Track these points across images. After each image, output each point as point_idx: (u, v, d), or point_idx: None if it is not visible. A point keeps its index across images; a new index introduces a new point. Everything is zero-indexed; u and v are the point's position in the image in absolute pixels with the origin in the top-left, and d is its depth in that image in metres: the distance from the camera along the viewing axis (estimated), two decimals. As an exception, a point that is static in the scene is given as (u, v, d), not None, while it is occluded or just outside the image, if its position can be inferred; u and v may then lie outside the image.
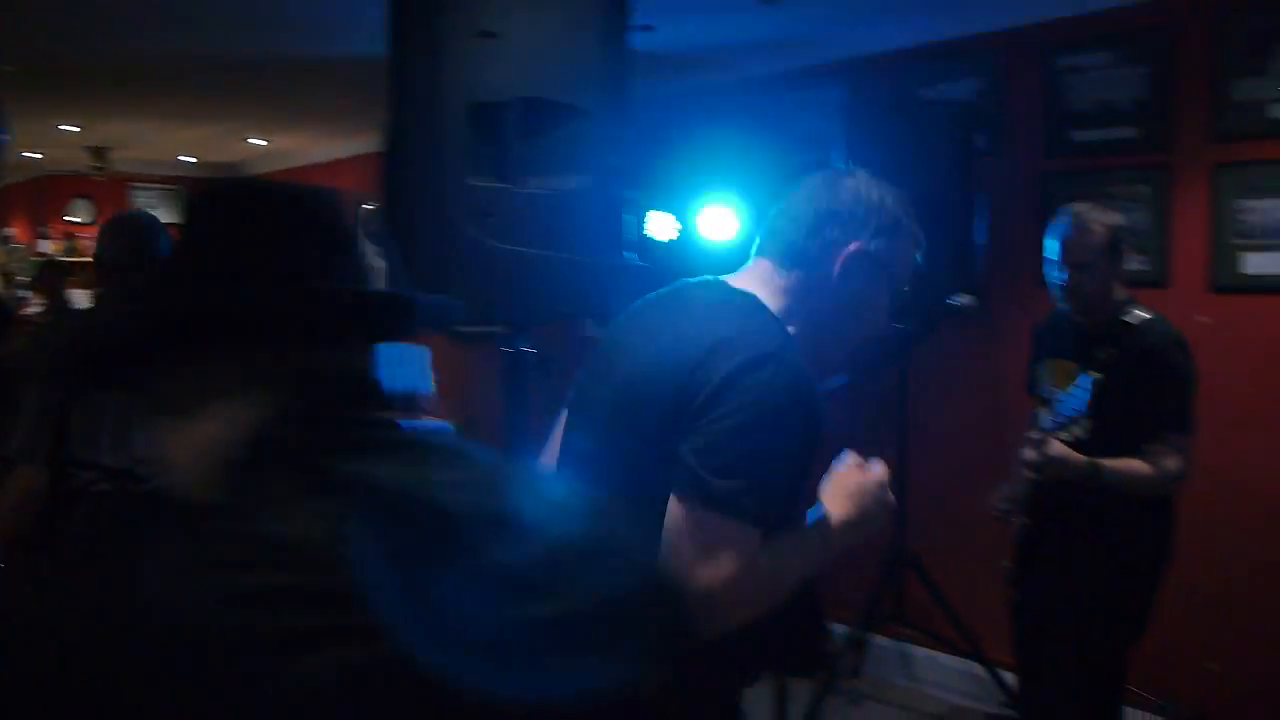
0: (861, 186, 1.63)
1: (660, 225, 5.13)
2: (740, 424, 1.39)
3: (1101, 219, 2.88)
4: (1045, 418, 2.94)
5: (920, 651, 4.47)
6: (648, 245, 5.14)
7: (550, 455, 1.74)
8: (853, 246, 1.57)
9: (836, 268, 1.56)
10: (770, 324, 1.51)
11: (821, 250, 1.57)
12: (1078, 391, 2.75)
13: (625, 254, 2.33)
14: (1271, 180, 3.48)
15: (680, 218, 5.10)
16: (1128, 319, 2.84)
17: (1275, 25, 3.46)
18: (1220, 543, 3.49)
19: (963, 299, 3.60)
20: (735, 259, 4.85)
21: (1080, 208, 2.94)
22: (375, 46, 2.01)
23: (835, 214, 1.59)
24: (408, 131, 1.98)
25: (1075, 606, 2.93)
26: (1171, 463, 2.80)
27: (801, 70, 4.87)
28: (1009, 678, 3.95)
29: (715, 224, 4.90)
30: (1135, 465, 2.80)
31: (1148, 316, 2.85)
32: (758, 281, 1.59)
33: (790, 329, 1.54)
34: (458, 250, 1.91)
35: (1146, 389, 2.81)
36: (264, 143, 8.19)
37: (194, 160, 9.37)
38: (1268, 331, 3.53)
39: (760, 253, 1.64)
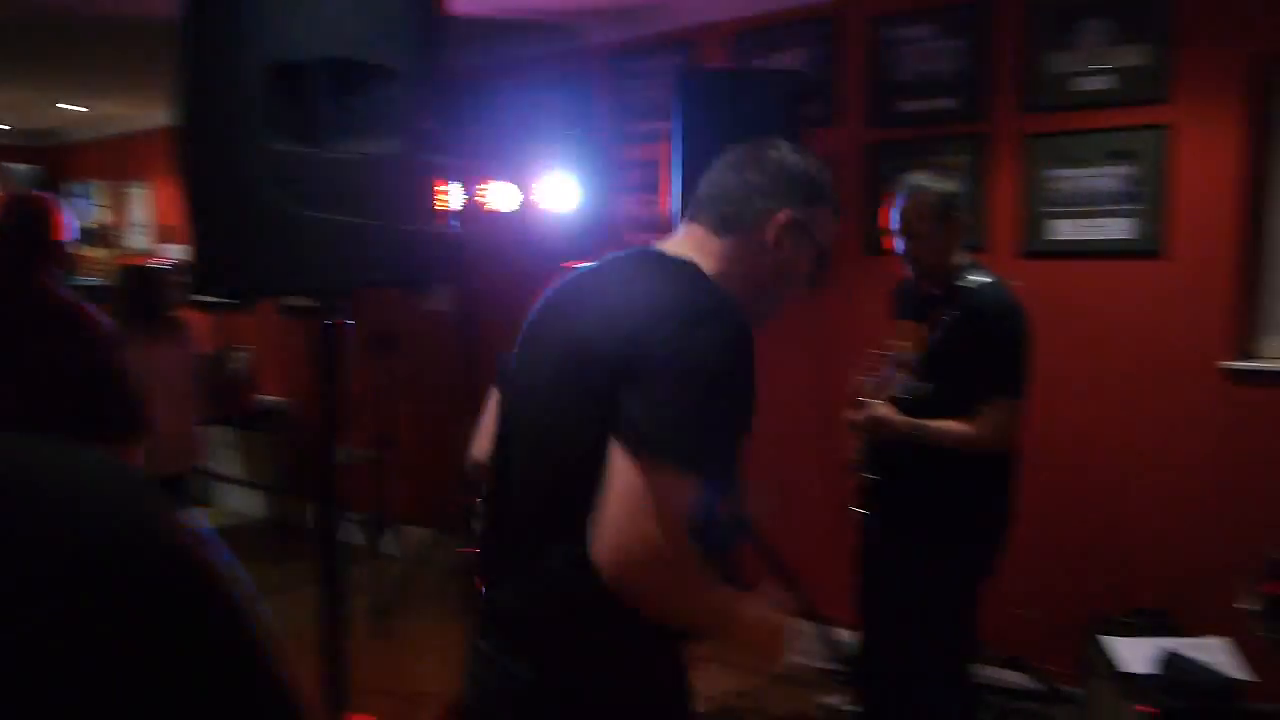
0: (787, 157, 1.68)
1: (502, 195, 5.08)
2: (687, 380, 1.43)
3: (934, 188, 2.96)
4: (896, 379, 3.03)
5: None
6: (487, 216, 5.11)
7: (485, 428, 1.80)
8: (782, 215, 1.64)
9: (768, 235, 1.64)
10: (712, 285, 1.57)
11: (754, 219, 1.64)
12: (891, 356, 2.88)
13: (442, 221, 2.26)
14: (1078, 150, 3.65)
15: (522, 188, 5.06)
16: (963, 283, 2.92)
17: (1083, 1, 3.63)
18: (1031, 497, 3.66)
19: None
20: (578, 227, 4.89)
21: (915, 177, 3.01)
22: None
23: (764, 184, 1.65)
24: (205, 93, 1.88)
25: (918, 559, 2.99)
26: (991, 424, 2.85)
27: (639, 40, 4.86)
28: (843, 635, 4.09)
29: (556, 194, 4.88)
30: (956, 426, 2.87)
31: (983, 280, 2.92)
32: (693, 248, 1.65)
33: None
34: (259, 218, 1.83)
35: (975, 351, 2.87)
36: (82, 109, 7.71)
37: (6, 128, 8.75)
38: (1072, 294, 3.73)
39: (693, 220, 1.70)
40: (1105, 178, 3.60)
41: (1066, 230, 3.70)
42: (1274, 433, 3.35)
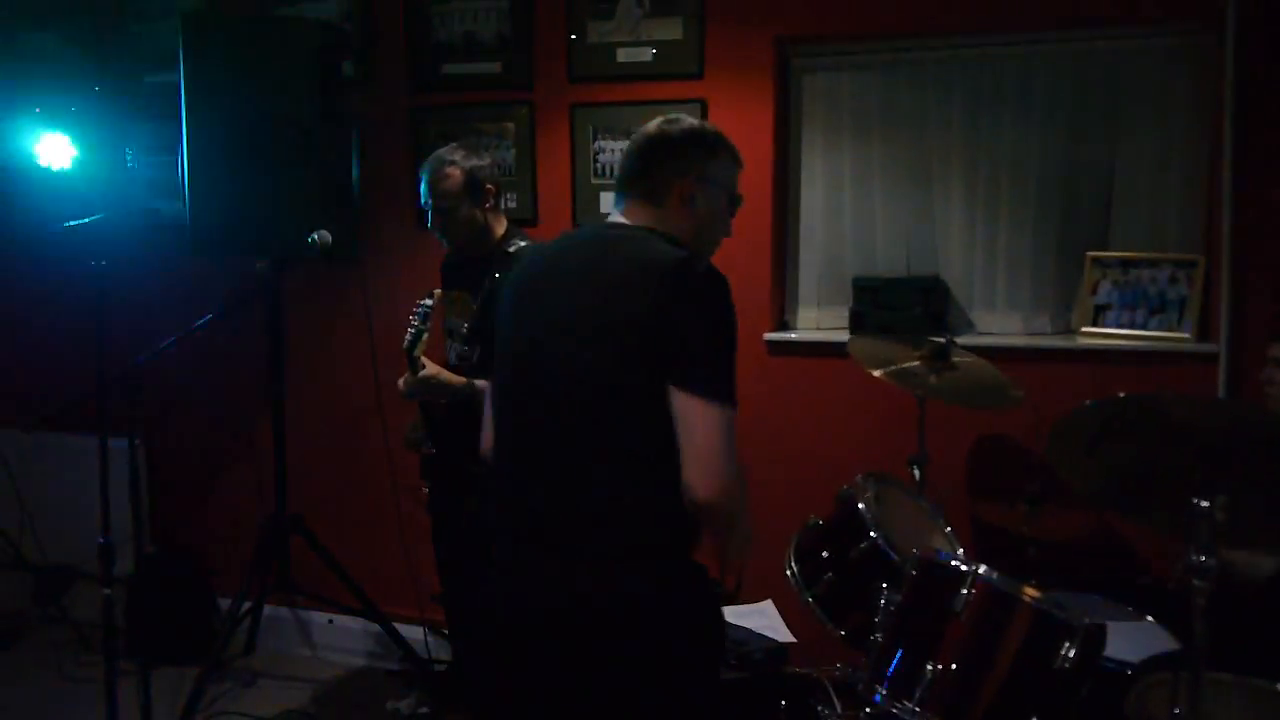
0: (676, 127, 1.96)
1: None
2: (717, 331, 1.80)
3: (459, 161, 2.97)
4: (451, 347, 3.08)
5: (318, 617, 4.21)
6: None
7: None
8: (690, 178, 1.93)
9: (686, 197, 1.93)
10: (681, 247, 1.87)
11: (666, 186, 1.92)
12: (419, 312, 2.90)
13: None
14: (619, 122, 3.62)
15: (12, 146, 4.23)
16: (510, 249, 2.96)
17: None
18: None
19: (320, 235, 3.30)
20: (77, 183, 4.15)
21: (441, 151, 3.02)
22: None
23: (666, 156, 1.93)
24: None
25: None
26: None
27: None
28: (409, 631, 3.86)
29: (53, 151, 4.14)
30: None
31: (523, 244, 2.99)
32: (640, 219, 1.93)
33: None
34: None
35: None
36: None
37: None
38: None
39: (626, 197, 1.96)
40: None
41: (610, 203, 3.64)
42: (809, 399, 3.54)
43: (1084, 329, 3.37)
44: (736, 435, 1.78)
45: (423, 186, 3.00)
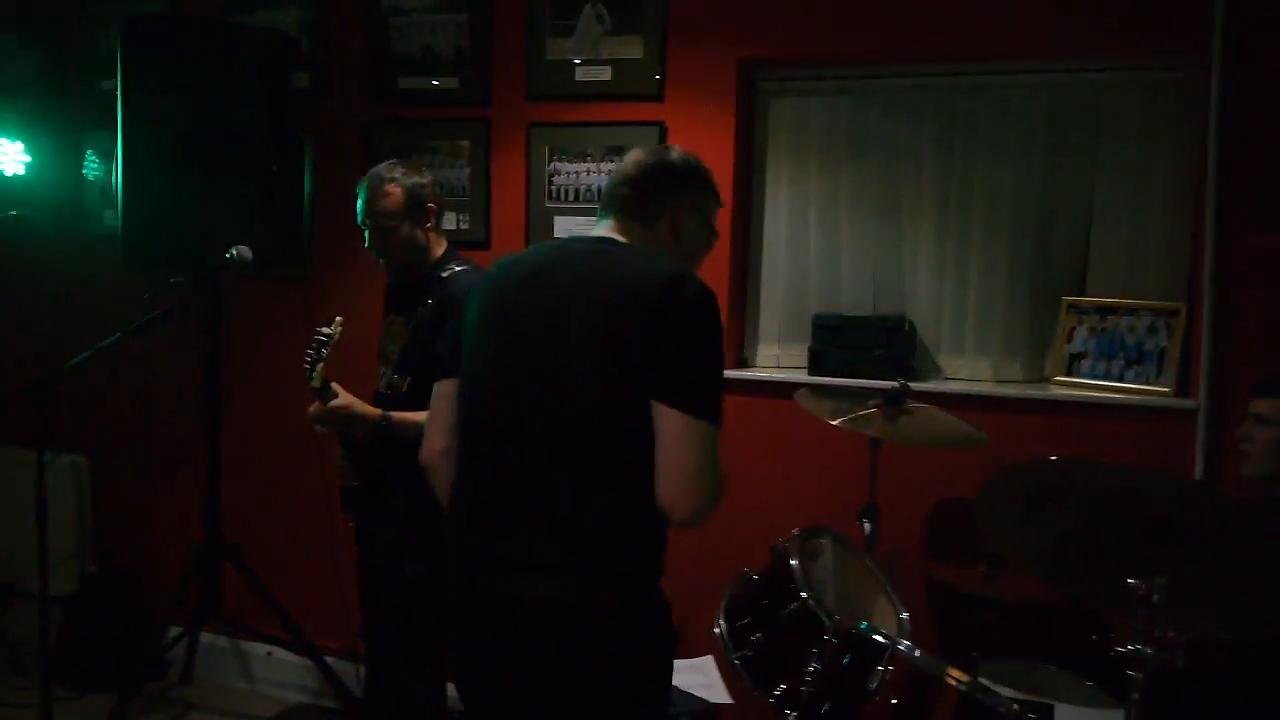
0: (675, 158, 2.00)
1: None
2: (708, 349, 1.79)
3: (400, 179, 2.82)
4: (383, 374, 2.93)
5: (257, 648, 4.03)
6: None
7: (438, 422, 2.01)
8: (683, 208, 1.98)
9: (676, 224, 1.97)
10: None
11: (659, 213, 1.96)
12: (317, 340, 2.77)
13: None
14: (576, 144, 3.45)
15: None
16: (444, 274, 2.82)
17: (583, -13, 3.43)
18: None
19: (239, 251, 3.15)
20: (27, 190, 4.03)
21: (379, 168, 2.87)
22: None
23: (664, 184, 1.96)
24: None
25: (400, 563, 2.82)
26: None
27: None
28: (344, 666, 3.68)
29: (6, 157, 4.04)
30: (422, 415, 2.62)
31: (459, 269, 2.84)
32: (634, 238, 1.94)
33: None
34: None
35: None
36: None
37: None
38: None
39: (616, 215, 1.96)
40: (606, 174, 3.43)
41: (570, 228, 3.48)
42: (764, 442, 3.34)
43: (1057, 378, 3.16)
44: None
45: (360, 204, 2.84)
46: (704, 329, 1.78)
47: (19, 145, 4.04)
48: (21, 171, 4.06)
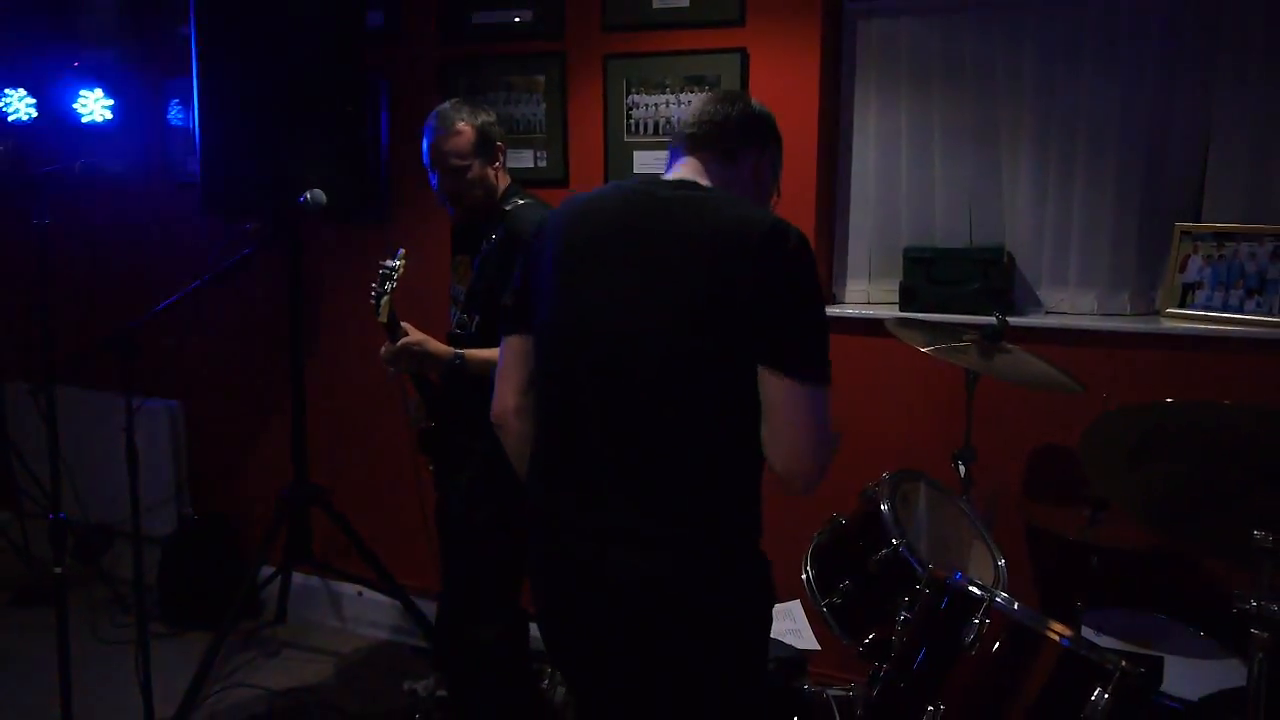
0: (753, 104, 1.95)
1: (18, 104, 4.17)
2: (813, 307, 1.72)
3: (468, 118, 2.75)
4: (454, 314, 2.89)
5: (348, 588, 4.09)
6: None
7: (509, 377, 1.95)
8: (765, 153, 1.95)
9: (756, 165, 1.93)
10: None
11: (743, 157, 1.91)
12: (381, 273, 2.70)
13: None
14: (654, 75, 3.32)
15: (41, 97, 4.18)
16: (508, 207, 2.76)
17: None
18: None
19: (313, 195, 3.12)
20: (112, 139, 4.07)
21: (444, 108, 2.78)
22: None
23: (748, 125, 1.91)
24: None
25: (478, 506, 2.78)
26: None
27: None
28: (432, 607, 3.71)
29: (91, 106, 4.07)
30: (495, 353, 2.58)
31: (521, 203, 2.77)
32: (712, 178, 1.87)
33: None
34: None
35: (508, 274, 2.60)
36: None
37: None
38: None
39: (698, 150, 1.89)
40: (687, 105, 3.29)
41: (651, 162, 3.37)
42: (853, 382, 3.21)
43: (1169, 310, 2.96)
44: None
45: (427, 145, 2.76)
46: (808, 284, 1.70)
47: (98, 92, 4.06)
48: (105, 119, 4.09)
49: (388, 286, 2.67)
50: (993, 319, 2.68)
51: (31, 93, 4.12)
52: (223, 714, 3.47)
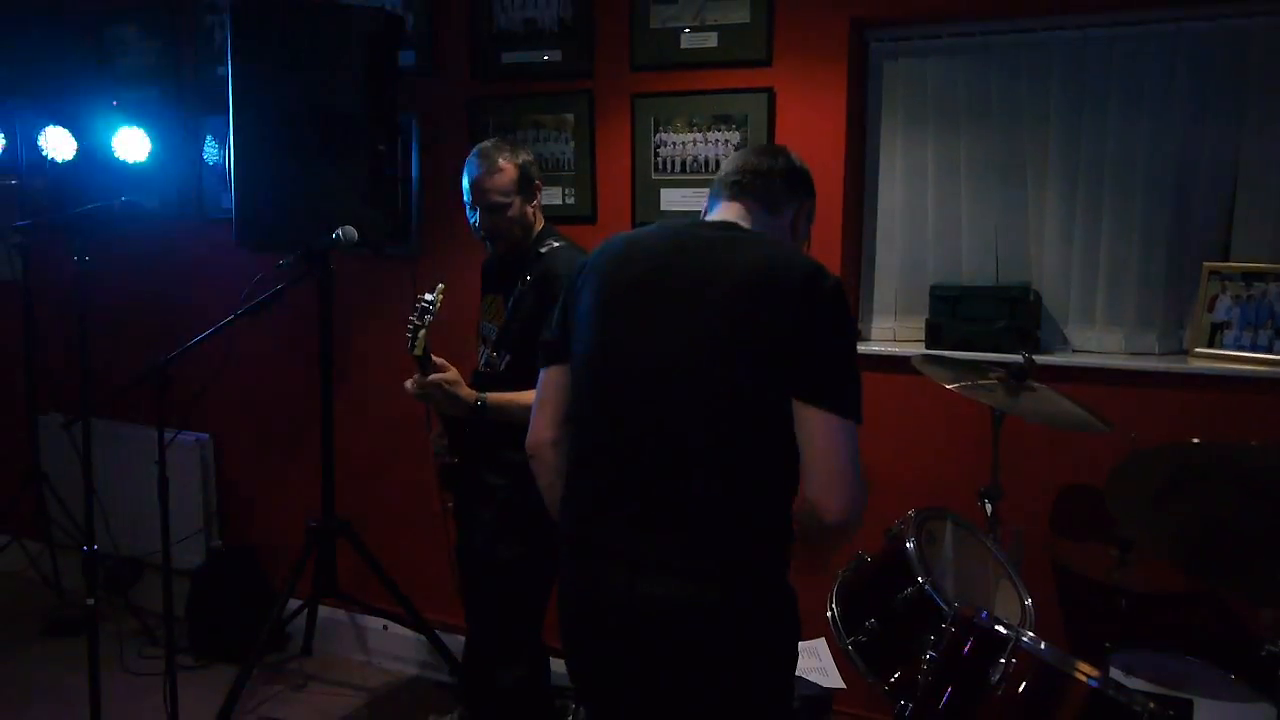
0: (794, 158, 2.01)
1: (57, 143, 4.26)
2: (848, 346, 1.77)
3: (509, 157, 2.79)
4: (481, 353, 2.92)
5: (373, 622, 4.10)
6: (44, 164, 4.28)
7: (548, 408, 1.97)
8: (803, 206, 2.00)
9: (795, 218, 1.99)
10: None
11: (788, 205, 1.97)
12: (419, 307, 2.69)
13: None
14: (681, 113, 3.36)
15: (80, 136, 4.27)
16: (543, 249, 2.79)
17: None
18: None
19: (345, 231, 3.17)
20: (149, 177, 4.14)
21: (486, 147, 2.82)
22: None
23: (791, 177, 1.97)
24: None
25: (497, 543, 2.81)
26: None
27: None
28: (457, 642, 3.71)
29: (129, 145, 4.15)
30: (519, 397, 2.65)
31: (557, 245, 2.80)
32: (747, 222, 1.92)
33: None
34: None
35: (542, 317, 2.61)
36: None
37: None
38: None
39: (737, 199, 1.94)
40: (714, 144, 3.33)
41: (678, 200, 3.41)
42: (878, 419, 3.20)
43: (1198, 350, 2.95)
44: None
45: (468, 182, 2.80)
46: (844, 324, 1.76)
47: (138, 131, 4.14)
48: (143, 157, 4.18)
49: (425, 320, 2.69)
50: (1019, 357, 2.68)
51: (71, 132, 4.22)
52: (249, 745, 3.49)
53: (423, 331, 2.67)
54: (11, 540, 4.64)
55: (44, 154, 4.21)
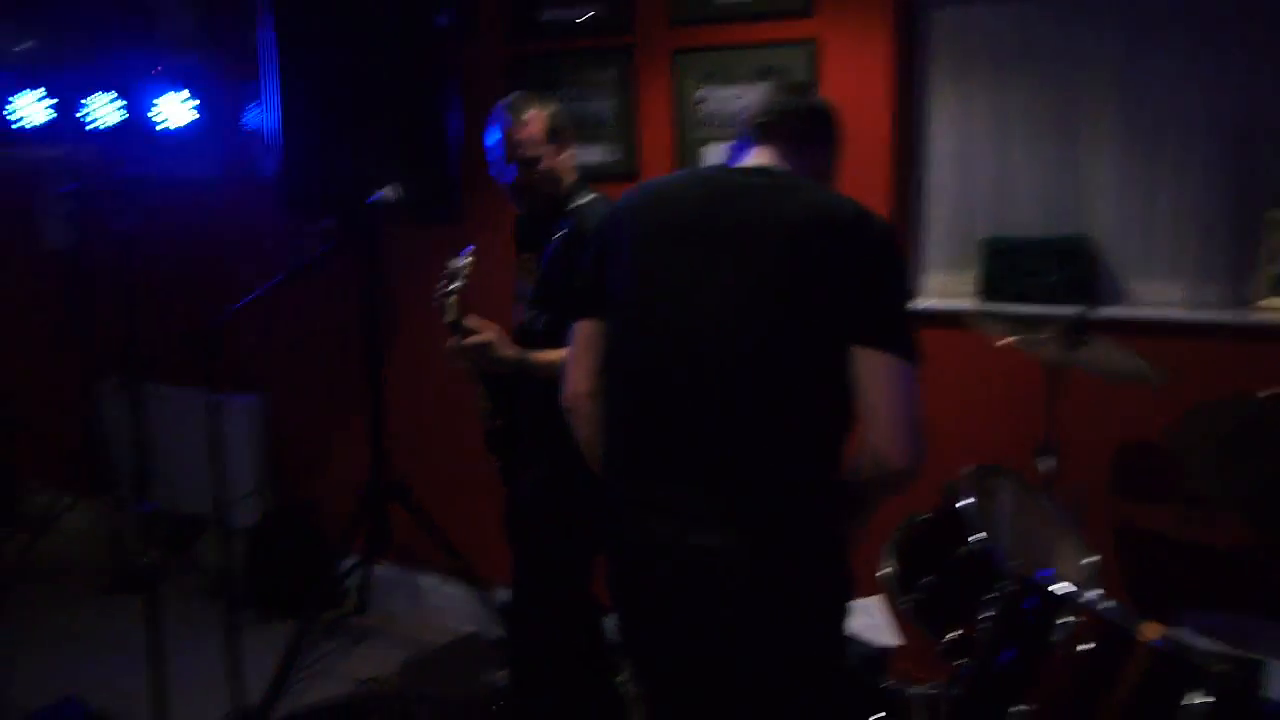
0: (819, 97, 1.99)
1: (103, 110, 4.29)
2: (899, 287, 1.75)
3: (537, 107, 2.73)
4: (519, 313, 2.88)
5: (431, 580, 4.15)
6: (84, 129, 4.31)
7: (581, 361, 1.96)
8: (829, 145, 1.97)
9: (829, 156, 1.97)
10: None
11: (817, 144, 1.94)
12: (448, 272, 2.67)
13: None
14: (722, 68, 3.30)
15: (126, 102, 4.30)
16: (576, 203, 2.73)
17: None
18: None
19: (386, 192, 3.16)
20: (193, 142, 4.16)
21: (510, 100, 2.76)
22: None
23: (818, 116, 1.95)
24: None
25: (546, 502, 2.80)
26: None
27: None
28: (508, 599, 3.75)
29: (173, 110, 4.17)
30: (563, 353, 2.58)
31: (589, 198, 2.74)
32: (782, 165, 1.88)
33: None
34: None
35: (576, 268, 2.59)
36: None
37: None
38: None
39: (767, 142, 1.90)
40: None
41: (720, 156, 3.34)
42: (930, 376, 3.16)
43: (1262, 302, 2.87)
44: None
45: (495, 139, 2.73)
46: (897, 266, 1.75)
47: (184, 94, 4.15)
48: (188, 122, 4.19)
49: (454, 286, 2.66)
50: (1076, 310, 2.62)
51: (117, 97, 4.23)
52: (308, 699, 3.55)
53: (453, 297, 2.64)
54: (77, 500, 4.76)
55: (90, 120, 4.24)
